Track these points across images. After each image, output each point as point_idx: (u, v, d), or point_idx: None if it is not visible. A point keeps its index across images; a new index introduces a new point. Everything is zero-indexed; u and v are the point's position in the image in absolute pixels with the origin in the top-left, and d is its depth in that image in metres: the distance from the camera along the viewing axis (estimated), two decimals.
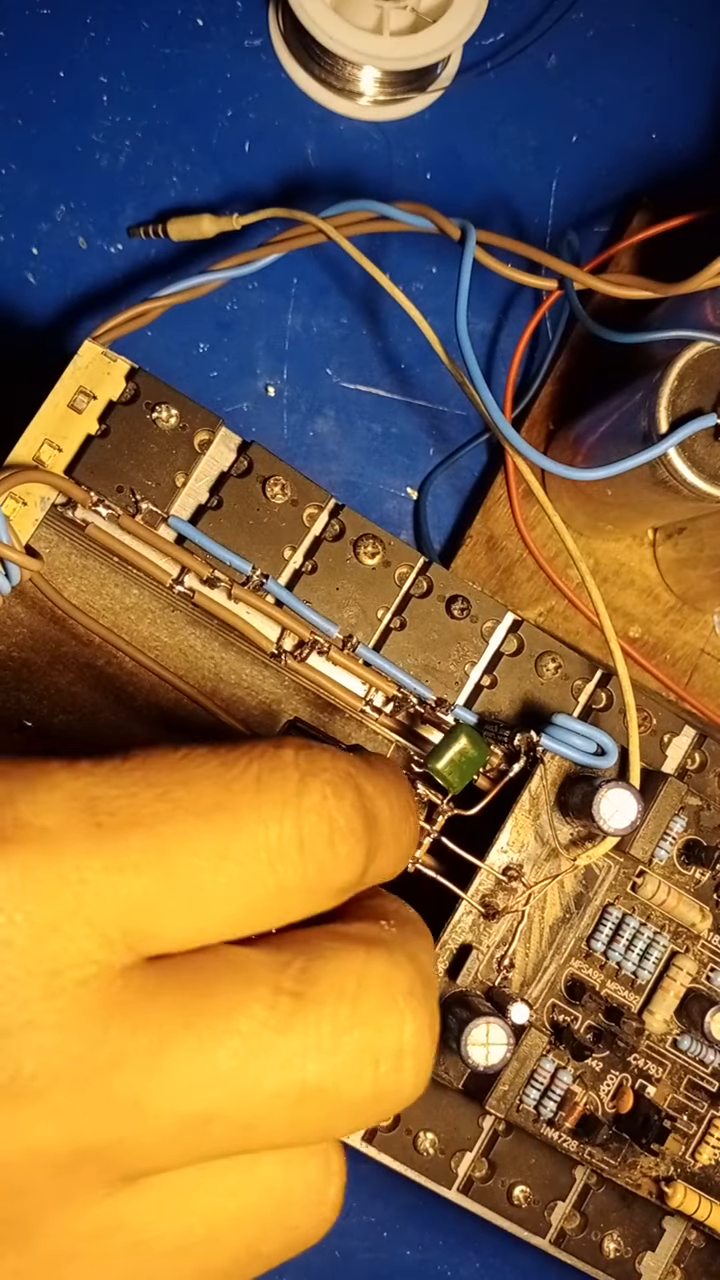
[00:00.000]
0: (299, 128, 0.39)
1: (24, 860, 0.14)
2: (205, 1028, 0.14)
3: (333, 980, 0.15)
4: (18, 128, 0.37)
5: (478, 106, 0.40)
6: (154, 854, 0.14)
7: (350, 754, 0.16)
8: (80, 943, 0.14)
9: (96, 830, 0.14)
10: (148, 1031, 0.14)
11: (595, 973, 0.29)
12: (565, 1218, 0.30)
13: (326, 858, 0.15)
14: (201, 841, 0.14)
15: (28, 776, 0.14)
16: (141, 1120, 0.14)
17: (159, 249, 0.38)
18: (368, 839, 0.16)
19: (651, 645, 0.38)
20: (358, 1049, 0.15)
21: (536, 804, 0.28)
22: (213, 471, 0.28)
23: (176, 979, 0.14)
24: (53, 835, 0.14)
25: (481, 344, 0.39)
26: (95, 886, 0.14)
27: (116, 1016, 0.14)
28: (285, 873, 0.15)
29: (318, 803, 0.15)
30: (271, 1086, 0.14)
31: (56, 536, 0.28)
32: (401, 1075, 0.15)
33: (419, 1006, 0.15)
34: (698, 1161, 0.30)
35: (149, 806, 0.14)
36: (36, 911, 0.14)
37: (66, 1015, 0.14)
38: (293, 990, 0.14)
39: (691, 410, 0.28)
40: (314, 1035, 0.14)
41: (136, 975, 0.14)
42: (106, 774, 0.15)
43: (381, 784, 0.16)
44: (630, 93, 0.41)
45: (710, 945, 0.29)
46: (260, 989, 0.14)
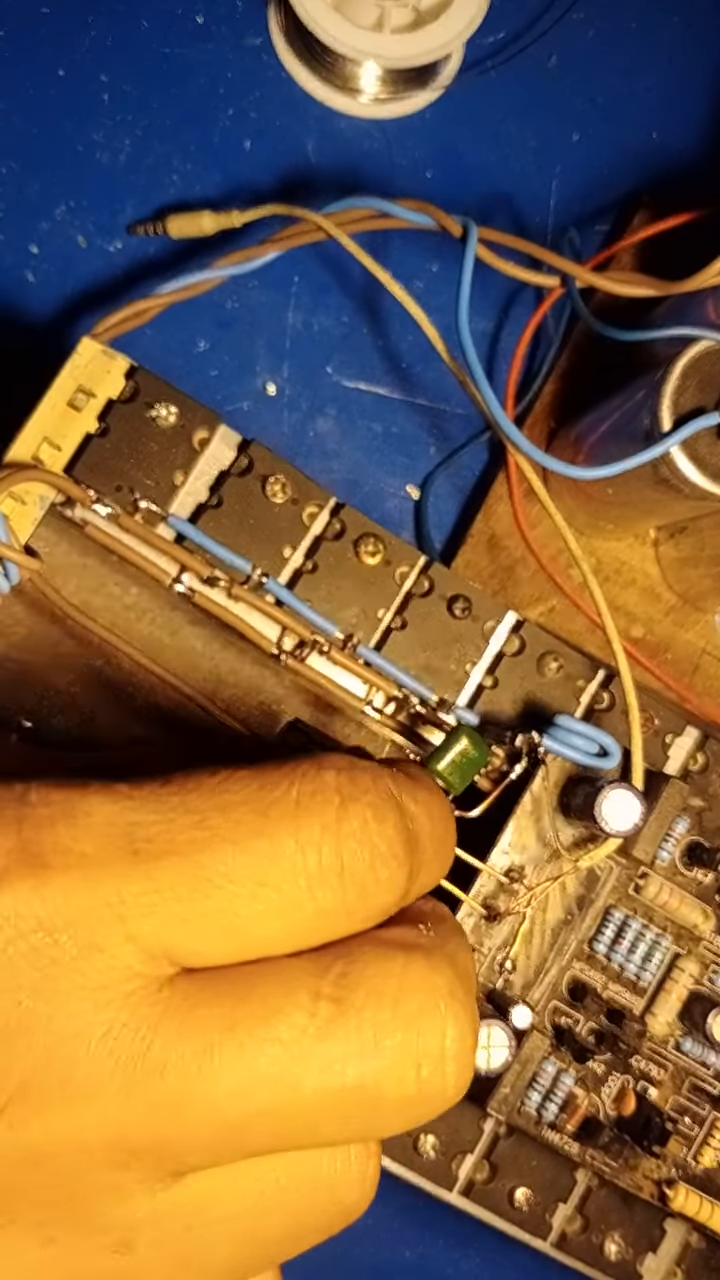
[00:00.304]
0: (300, 126, 0.39)
1: (65, 886, 0.14)
2: (247, 1034, 0.14)
3: (372, 985, 0.15)
4: (18, 127, 0.37)
5: (479, 105, 0.40)
6: (191, 881, 0.14)
7: (392, 770, 0.16)
8: (124, 959, 0.14)
9: (134, 857, 0.14)
10: (192, 1039, 0.14)
11: (597, 975, 0.29)
12: (566, 1220, 0.30)
13: (368, 882, 0.15)
14: (239, 869, 0.15)
15: (67, 802, 0.15)
16: (187, 1123, 0.14)
17: (159, 247, 0.38)
18: (409, 861, 0.16)
19: (653, 645, 0.38)
20: (399, 1052, 0.15)
21: (538, 805, 0.28)
22: (212, 470, 0.28)
23: (217, 987, 0.15)
24: (91, 861, 0.14)
25: (483, 342, 0.39)
26: (135, 909, 0.14)
27: (162, 1026, 0.14)
28: (325, 898, 0.15)
29: (358, 828, 0.15)
30: (313, 1091, 0.14)
31: (55, 536, 0.28)
32: (445, 1077, 0.15)
33: (460, 1009, 0.15)
34: (699, 1164, 0.29)
35: (186, 834, 0.15)
36: (80, 933, 0.14)
37: (114, 1026, 0.14)
38: (332, 995, 0.15)
39: (694, 409, 0.28)
40: (355, 1040, 0.15)
41: (180, 984, 0.15)
42: (144, 799, 0.15)
43: (423, 799, 0.16)
44: (630, 92, 0.41)
45: (713, 947, 0.29)
46: (300, 995, 0.15)
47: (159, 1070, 0.14)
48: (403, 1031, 0.15)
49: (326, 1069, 0.14)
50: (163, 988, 0.14)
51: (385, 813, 0.15)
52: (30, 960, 0.14)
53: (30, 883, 0.14)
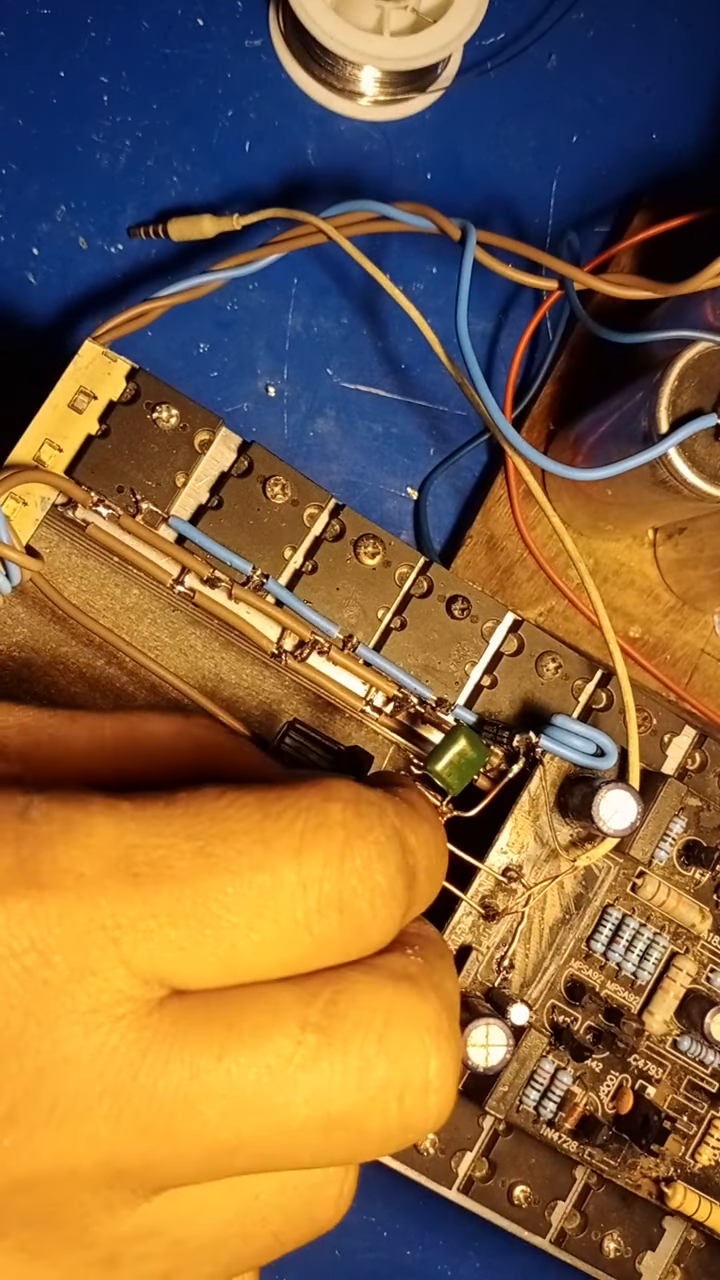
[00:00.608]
0: (299, 128, 0.39)
1: (61, 907, 0.14)
2: (234, 1061, 0.14)
3: (359, 1016, 0.15)
4: (18, 128, 0.37)
5: (478, 106, 0.40)
6: (189, 909, 0.14)
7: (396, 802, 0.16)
8: (117, 983, 0.14)
9: (133, 880, 0.14)
10: (180, 1065, 0.14)
11: (595, 973, 0.29)
12: (565, 1217, 0.30)
13: (366, 920, 0.15)
14: (238, 900, 0.15)
15: (68, 819, 0.15)
16: (173, 1147, 0.14)
17: (159, 249, 0.38)
18: (407, 898, 0.16)
19: (652, 645, 0.38)
20: (382, 1084, 0.15)
21: (536, 805, 0.28)
22: (213, 471, 0.28)
23: (207, 1012, 0.15)
24: (89, 883, 0.14)
25: (482, 344, 0.39)
26: (131, 934, 0.14)
27: (151, 1050, 0.14)
28: (322, 933, 0.15)
29: (361, 867, 0.15)
30: (297, 1119, 0.15)
31: (57, 536, 0.28)
32: (425, 1110, 0.15)
33: (444, 1042, 0.15)
34: (697, 1162, 0.30)
35: (186, 860, 0.15)
36: (74, 955, 0.14)
37: (103, 1050, 0.14)
38: (319, 1025, 0.15)
39: (692, 410, 0.28)
40: (339, 1070, 0.15)
41: (171, 1007, 0.15)
42: (147, 821, 0.15)
43: (423, 832, 0.16)
44: (630, 93, 0.41)
45: (710, 946, 0.29)
46: (289, 1023, 0.15)
47: (148, 1094, 0.14)
48: (387, 1064, 0.15)
49: (311, 1098, 0.15)
50: (153, 1011, 0.14)
51: (388, 852, 0.15)
52: (22, 981, 0.14)
53: (26, 903, 0.14)
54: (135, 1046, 0.14)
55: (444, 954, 0.17)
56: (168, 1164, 0.14)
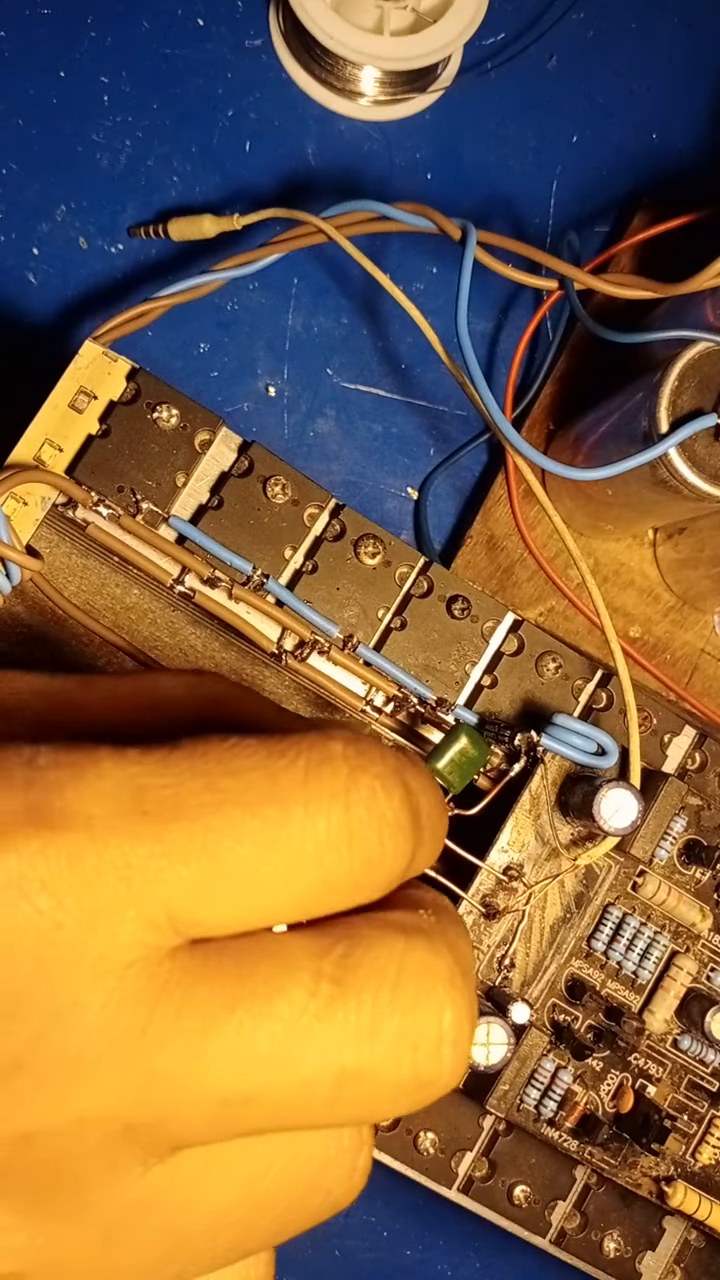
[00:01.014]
0: (299, 128, 0.39)
1: (71, 848, 0.14)
2: (247, 1012, 0.14)
3: (373, 967, 0.15)
4: (18, 128, 0.37)
5: (478, 106, 0.40)
6: (200, 844, 0.14)
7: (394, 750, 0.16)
8: (128, 927, 0.14)
9: (142, 819, 0.14)
10: (192, 1015, 0.14)
11: (595, 972, 0.29)
12: (565, 1217, 0.30)
13: (374, 852, 0.15)
14: (248, 833, 0.14)
15: (76, 764, 0.14)
16: (184, 1100, 0.14)
17: (159, 249, 0.38)
18: (414, 835, 0.16)
19: (652, 645, 0.38)
20: (396, 1036, 0.15)
21: (537, 804, 0.28)
22: (213, 471, 0.28)
23: (220, 963, 0.14)
24: (99, 823, 0.14)
25: (482, 344, 0.39)
26: (142, 874, 0.14)
27: (162, 999, 0.14)
28: (332, 866, 0.15)
29: (367, 797, 0.15)
30: (310, 1072, 0.14)
31: (57, 536, 0.28)
32: (440, 1063, 0.15)
33: (458, 995, 0.15)
34: (698, 1161, 0.30)
35: (195, 797, 0.14)
36: (85, 897, 0.14)
37: (113, 997, 0.14)
38: (333, 976, 0.15)
39: (692, 410, 0.28)
40: (353, 1022, 0.14)
41: (182, 957, 0.14)
42: (154, 763, 0.15)
43: (422, 780, 0.16)
44: (630, 93, 0.41)
45: (710, 945, 0.30)
46: (301, 974, 0.15)
47: (158, 1046, 0.14)
48: (401, 1015, 0.15)
49: (325, 1051, 0.14)
50: (163, 960, 0.14)
51: (392, 785, 0.15)
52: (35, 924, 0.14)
53: (36, 844, 0.14)
54: (146, 994, 0.14)
55: (457, 920, 0.17)
56: (178, 1119, 0.14)
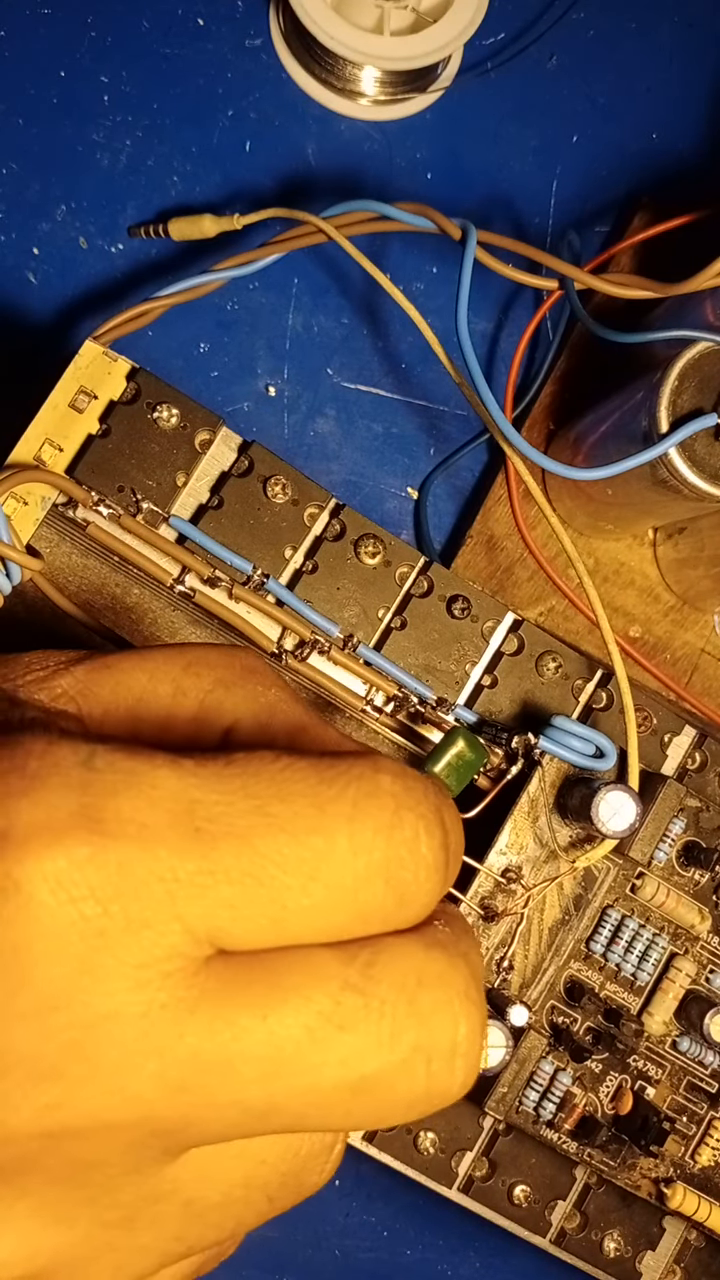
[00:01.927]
0: (299, 128, 0.39)
1: (122, 855, 0.14)
2: (278, 1022, 0.14)
3: (394, 978, 0.15)
4: (18, 128, 0.37)
5: (478, 106, 0.40)
6: (246, 866, 0.14)
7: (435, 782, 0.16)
8: (170, 938, 0.14)
9: (194, 834, 0.14)
10: (225, 1024, 0.14)
11: (594, 974, 0.29)
12: (565, 1217, 0.30)
13: (410, 891, 0.15)
14: (293, 860, 0.15)
15: (133, 770, 0.15)
16: (211, 1106, 0.14)
17: (160, 249, 0.38)
18: (446, 873, 0.16)
19: (652, 645, 0.38)
20: (413, 1047, 0.15)
21: (535, 806, 0.28)
22: (213, 471, 0.28)
23: (250, 973, 0.15)
24: (151, 833, 0.14)
25: (482, 344, 0.39)
26: (188, 888, 0.14)
27: (196, 1010, 0.14)
28: (368, 900, 0.15)
29: (409, 837, 0.15)
30: (331, 1082, 0.15)
31: (57, 536, 0.28)
32: (452, 1075, 0.15)
33: (472, 1008, 0.15)
34: (697, 1163, 0.30)
35: (246, 818, 0.15)
36: (131, 907, 0.14)
37: (152, 1006, 0.14)
38: (357, 985, 0.15)
39: (692, 410, 0.28)
40: (374, 1032, 0.15)
41: (215, 967, 0.15)
42: (209, 778, 0.15)
43: (453, 813, 0.17)
44: (630, 93, 0.41)
45: (709, 947, 0.29)
46: (329, 983, 0.15)
47: (193, 1054, 0.14)
48: (418, 1027, 0.15)
49: (346, 1059, 0.15)
50: (199, 970, 0.14)
51: (434, 827, 0.15)
52: (79, 929, 0.14)
53: (87, 849, 0.14)
54: (183, 1004, 0.14)
55: (469, 931, 0.17)
56: (204, 1123, 0.14)
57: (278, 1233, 0.37)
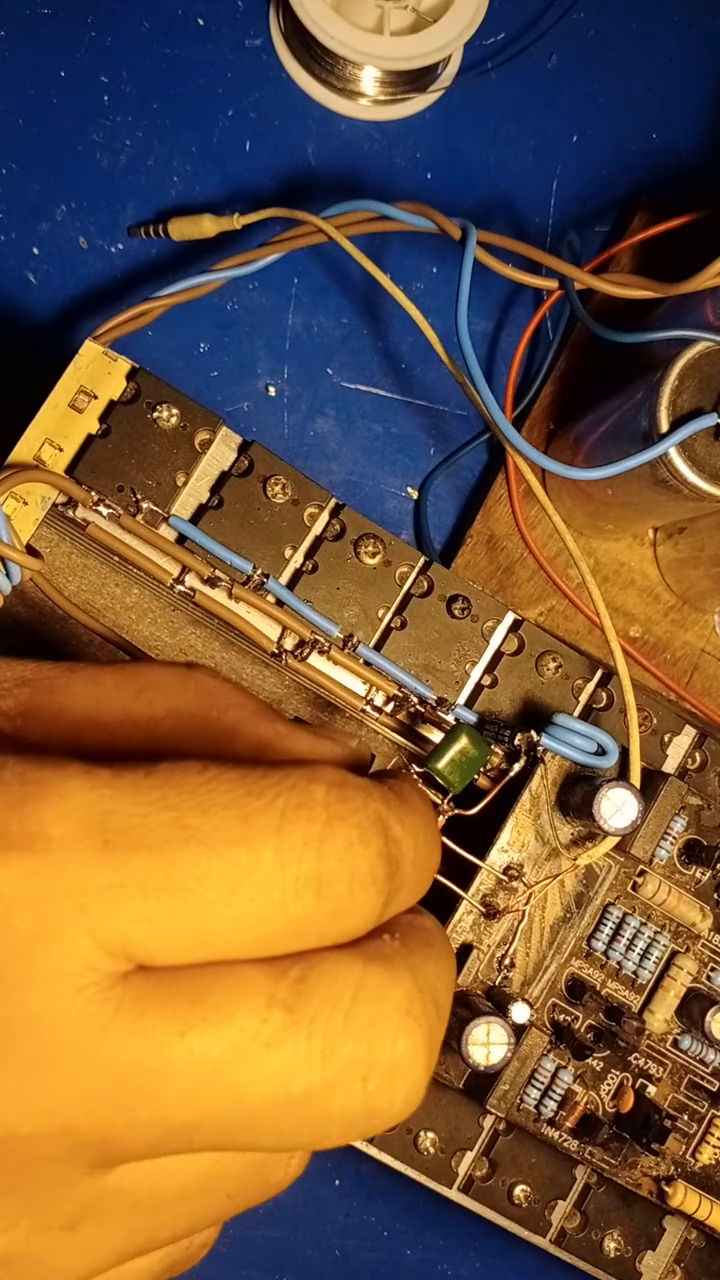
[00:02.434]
0: (299, 128, 0.39)
1: (27, 868, 0.14)
2: (198, 1038, 0.14)
3: (327, 993, 0.15)
4: (18, 128, 0.37)
5: (478, 106, 0.40)
6: (160, 879, 0.14)
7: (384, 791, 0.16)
8: (81, 952, 0.14)
9: (103, 846, 0.14)
10: (143, 1040, 0.14)
11: (596, 972, 0.29)
12: (566, 1217, 0.30)
13: (344, 904, 0.15)
14: (211, 874, 0.14)
15: (44, 781, 0.14)
16: (131, 1123, 0.14)
17: (160, 249, 0.38)
18: (388, 886, 0.15)
19: (652, 645, 0.38)
20: (347, 1065, 0.14)
21: (537, 804, 0.28)
22: (213, 471, 0.28)
23: (173, 988, 0.14)
24: (58, 846, 0.14)
25: (482, 344, 0.39)
26: (98, 901, 0.14)
27: (113, 1024, 0.14)
28: (298, 914, 0.15)
29: (341, 849, 0.15)
30: (259, 1100, 0.14)
31: (57, 536, 0.28)
32: (393, 1093, 0.15)
33: (413, 1025, 0.15)
34: (698, 1161, 0.30)
35: (161, 831, 0.14)
36: (37, 919, 0.14)
37: (64, 1019, 0.14)
38: (286, 1002, 0.14)
39: (692, 410, 0.28)
40: (304, 1049, 0.14)
41: (135, 981, 0.14)
42: (124, 789, 0.14)
43: (411, 822, 0.16)
44: (630, 93, 0.41)
45: (710, 945, 0.30)
46: (255, 999, 0.14)
47: (108, 1068, 0.14)
48: (352, 1043, 0.14)
49: (274, 1078, 0.14)
50: (116, 984, 0.14)
51: (370, 836, 0.15)
52: None
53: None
54: (97, 1019, 0.14)
55: (432, 942, 0.17)
56: (125, 1140, 0.14)
57: (278, 1233, 0.37)
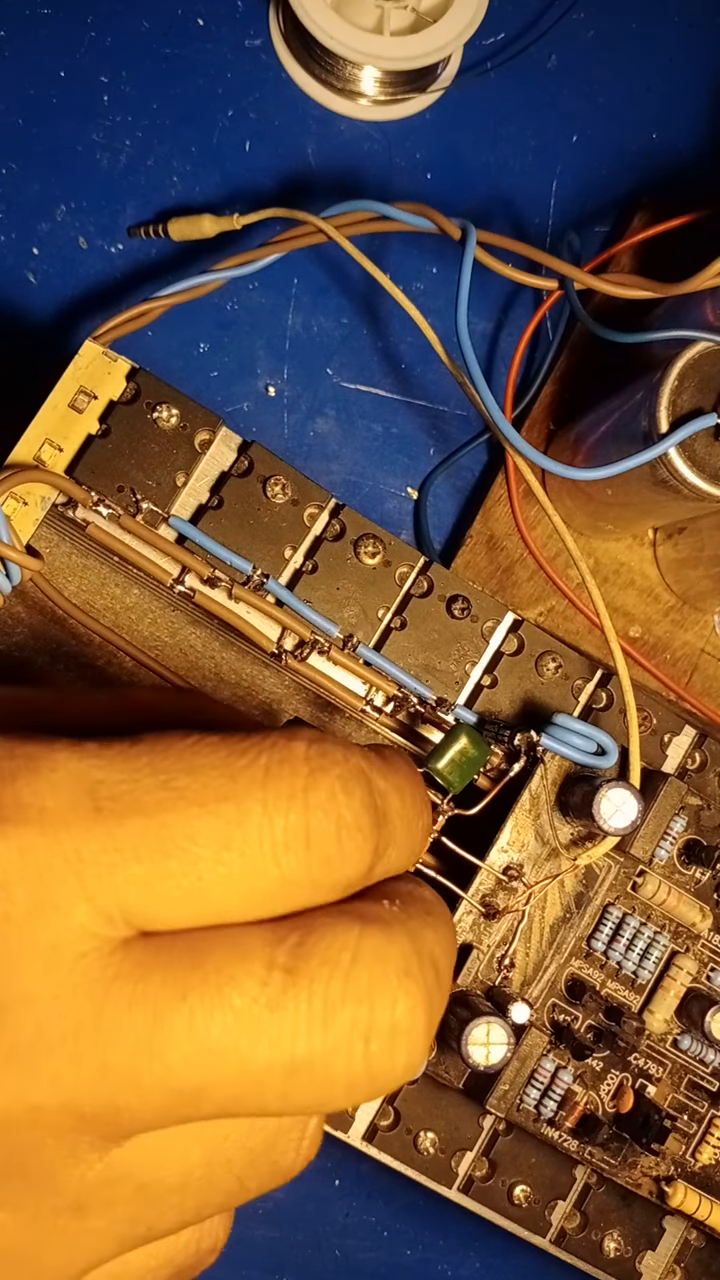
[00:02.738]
0: (299, 128, 0.39)
1: (23, 839, 0.14)
2: (199, 1002, 0.14)
3: (326, 955, 0.15)
4: (18, 128, 0.37)
5: (478, 106, 0.40)
6: (154, 841, 0.14)
7: (364, 750, 0.16)
8: (79, 919, 0.14)
9: (95, 813, 0.14)
10: (144, 1006, 0.14)
11: (595, 972, 0.29)
12: (565, 1217, 0.30)
13: (333, 853, 0.15)
14: (203, 831, 0.14)
15: (32, 755, 0.15)
16: (138, 1089, 0.14)
17: (159, 249, 0.38)
18: (376, 836, 0.15)
19: (651, 645, 0.38)
20: (348, 1026, 0.15)
21: (537, 804, 0.28)
22: (213, 471, 0.28)
23: (172, 953, 0.14)
24: (51, 816, 0.14)
25: (482, 344, 0.39)
26: (94, 868, 0.14)
27: (114, 990, 0.14)
28: (289, 866, 0.15)
29: (325, 798, 0.15)
30: (262, 1062, 0.14)
31: (57, 536, 0.28)
32: (394, 1054, 0.15)
33: (413, 986, 0.15)
34: (698, 1161, 0.30)
35: (151, 794, 0.14)
36: (35, 889, 0.14)
37: (64, 988, 0.14)
38: (286, 965, 0.14)
39: (692, 410, 0.28)
40: (305, 1011, 0.14)
41: (135, 948, 0.14)
42: (112, 758, 0.15)
43: (395, 780, 0.16)
44: (630, 93, 0.41)
45: (710, 945, 0.30)
46: (254, 963, 0.14)
47: (110, 1036, 0.14)
48: (353, 1005, 0.15)
49: (276, 1041, 0.14)
50: (116, 951, 0.14)
51: (353, 786, 0.15)
52: None
53: None
54: (97, 986, 0.14)
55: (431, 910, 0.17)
56: (131, 1109, 0.14)
57: (278, 1233, 0.37)
